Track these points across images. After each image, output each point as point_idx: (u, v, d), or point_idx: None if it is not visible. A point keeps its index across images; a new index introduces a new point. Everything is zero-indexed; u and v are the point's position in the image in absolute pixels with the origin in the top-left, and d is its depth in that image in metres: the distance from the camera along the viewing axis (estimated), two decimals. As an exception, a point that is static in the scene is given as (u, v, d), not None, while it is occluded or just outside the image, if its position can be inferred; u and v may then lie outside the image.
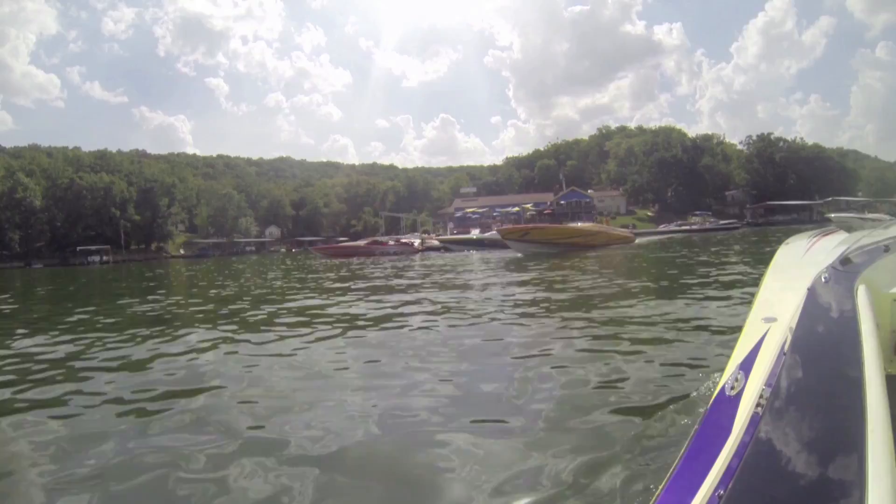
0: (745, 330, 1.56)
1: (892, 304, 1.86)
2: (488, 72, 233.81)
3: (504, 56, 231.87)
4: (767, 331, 1.47)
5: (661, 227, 65.87)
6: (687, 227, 61.01)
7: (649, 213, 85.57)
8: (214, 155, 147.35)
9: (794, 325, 1.44)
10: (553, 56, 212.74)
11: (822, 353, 1.33)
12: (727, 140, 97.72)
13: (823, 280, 1.88)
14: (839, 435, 0.96)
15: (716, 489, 0.85)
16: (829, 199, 55.40)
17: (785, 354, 1.27)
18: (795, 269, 2.35)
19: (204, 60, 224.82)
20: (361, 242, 38.69)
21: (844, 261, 2.13)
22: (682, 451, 1.02)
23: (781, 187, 79.94)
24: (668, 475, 0.96)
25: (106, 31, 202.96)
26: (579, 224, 27.08)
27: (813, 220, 56.67)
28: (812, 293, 1.72)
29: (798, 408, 1.06)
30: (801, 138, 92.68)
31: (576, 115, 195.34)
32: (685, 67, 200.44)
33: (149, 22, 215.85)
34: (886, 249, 2.30)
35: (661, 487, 0.93)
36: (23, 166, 67.69)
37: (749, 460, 0.91)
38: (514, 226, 22.66)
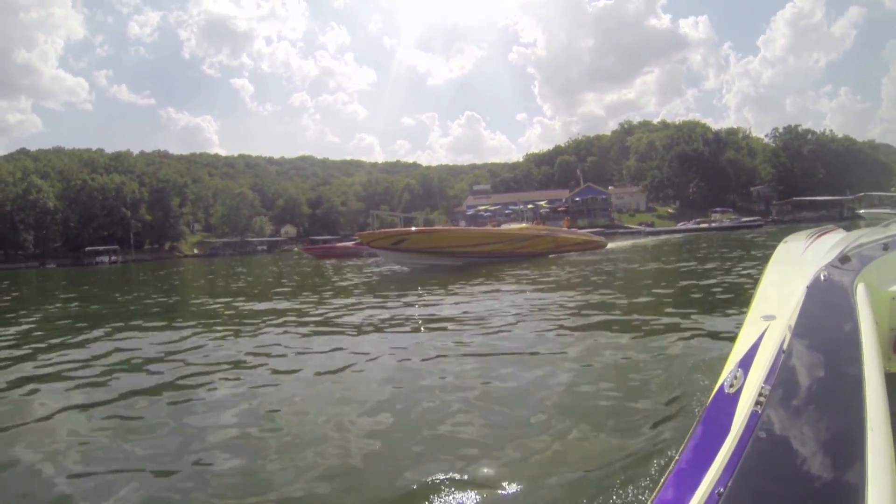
0: (744, 328, 1.59)
1: (891, 302, 1.86)
2: (513, 69, 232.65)
3: (529, 53, 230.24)
4: (766, 329, 1.50)
5: (680, 225, 63.72)
6: (705, 225, 58.70)
7: (670, 210, 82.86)
8: (236, 155, 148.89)
9: (793, 323, 1.46)
10: (578, 52, 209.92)
11: (822, 351, 1.33)
12: (753, 134, 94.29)
13: (822, 278, 1.89)
14: (839, 433, 0.96)
15: (715, 487, 0.85)
16: (861, 194, 52.92)
17: (784, 352, 1.28)
18: (794, 266, 2.40)
19: (228, 62, 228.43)
20: (349, 243, 37.71)
21: (843, 259, 2.17)
22: (682, 449, 1.03)
23: (810, 182, 76.12)
24: (668, 473, 0.97)
25: (132, 35, 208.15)
26: (513, 226, 19.10)
27: (844, 217, 54.00)
28: (811, 291, 1.74)
29: (797, 406, 1.06)
30: (831, 130, 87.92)
31: (602, 112, 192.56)
32: (712, 61, 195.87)
33: (173, 25, 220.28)
34: (885, 248, 2.27)
35: (660, 485, 0.94)
36: (38, 169, 68.80)
37: (748, 458, 0.91)
38: (384, 230, 15.20)
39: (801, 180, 77.91)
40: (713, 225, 58.55)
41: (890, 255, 2.20)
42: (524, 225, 18.94)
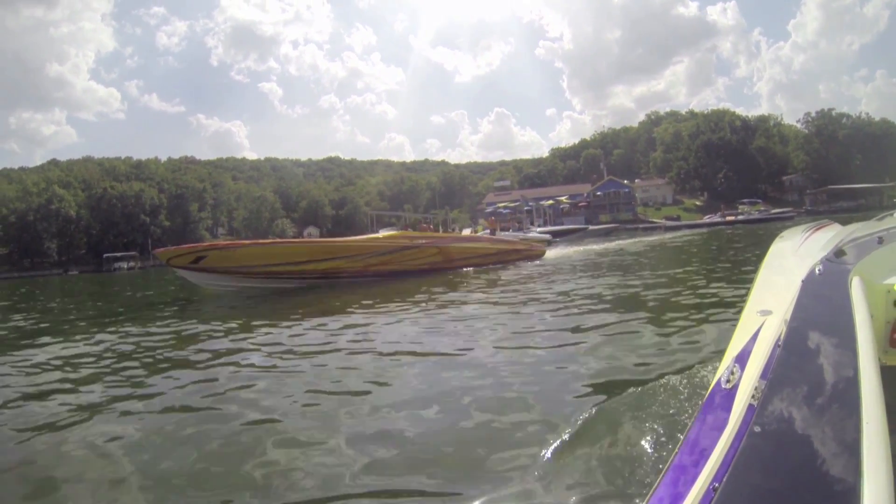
0: (740, 323, 1.63)
1: (886, 295, 1.87)
2: (541, 64, 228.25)
3: (556, 47, 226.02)
4: (763, 324, 1.53)
5: (706, 219, 61.36)
6: (731, 218, 56.24)
7: (697, 203, 79.85)
8: (262, 158, 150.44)
9: (788, 318, 1.47)
10: (605, 44, 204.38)
11: (817, 346, 1.34)
12: (785, 122, 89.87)
13: (817, 272, 1.91)
14: (834, 426, 0.97)
15: (711, 482, 0.86)
16: (902, 180, 49.92)
17: (780, 347, 1.29)
18: (790, 261, 2.45)
19: (256, 67, 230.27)
20: None
21: (838, 253, 2.19)
22: (679, 444, 1.04)
23: (846, 169, 71.74)
24: (665, 468, 0.98)
25: (160, 45, 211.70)
26: (384, 233, 14.01)
27: (883, 206, 50.98)
28: (806, 285, 1.77)
29: (793, 400, 1.07)
30: (867, 114, 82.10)
31: (632, 104, 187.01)
32: (742, 48, 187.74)
33: (200, 33, 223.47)
34: (880, 241, 2.27)
35: (658, 480, 0.95)
36: (61, 178, 70.72)
37: (744, 453, 0.91)
38: (180, 247, 11.73)
39: (836, 167, 73.55)
40: (740, 218, 56.12)
41: (885, 248, 2.16)
42: (392, 232, 14.31)
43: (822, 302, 1.63)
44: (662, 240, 25.33)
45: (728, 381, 1.21)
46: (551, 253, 17.10)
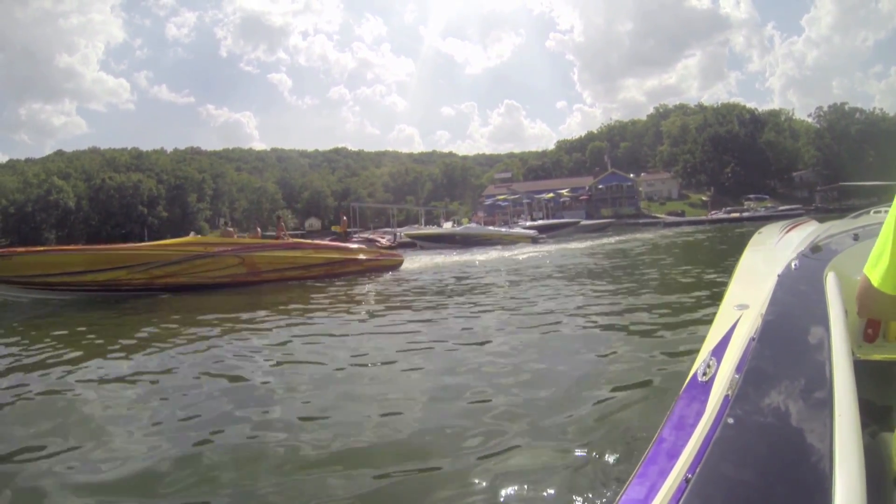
0: (717, 317, 1.68)
1: None
2: (551, 56, 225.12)
3: (566, 39, 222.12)
4: (739, 318, 1.59)
5: (712, 214, 59.88)
6: (736, 215, 54.73)
7: (703, 198, 78.04)
8: (269, 149, 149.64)
9: (764, 312, 1.50)
10: (616, 37, 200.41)
11: (792, 339, 1.36)
12: (797, 116, 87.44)
13: (793, 267, 1.94)
14: (807, 419, 0.97)
15: (685, 473, 0.87)
16: (917, 177, 48.10)
17: (755, 340, 1.30)
18: (767, 257, 2.54)
19: (265, 57, 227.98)
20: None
21: (814, 248, 2.24)
22: (655, 436, 1.06)
23: (858, 166, 69.56)
24: (642, 460, 0.99)
25: (170, 37, 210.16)
26: (196, 235, 13.02)
27: None
28: (782, 280, 1.80)
29: (767, 393, 1.08)
30: (881, 109, 79.17)
31: (643, 98, 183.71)
32: (755, 42, 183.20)
33: (209, 24, 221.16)
34: (856, 238, 2.32)
35: (634, 472, 0.96)
36: (60, 170, 70.77)
37: (717, 445, 0.92)
38: None
39: (848, 164, 71.12)
40: (745, 215, 54.59)
41: (860, 244, 2.20)
42: (190, 237, 12.58)
43: (797, 296, 1.63)
44: (660, 235, 24.14)
45: (704, 374, 1.23)
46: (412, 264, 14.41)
